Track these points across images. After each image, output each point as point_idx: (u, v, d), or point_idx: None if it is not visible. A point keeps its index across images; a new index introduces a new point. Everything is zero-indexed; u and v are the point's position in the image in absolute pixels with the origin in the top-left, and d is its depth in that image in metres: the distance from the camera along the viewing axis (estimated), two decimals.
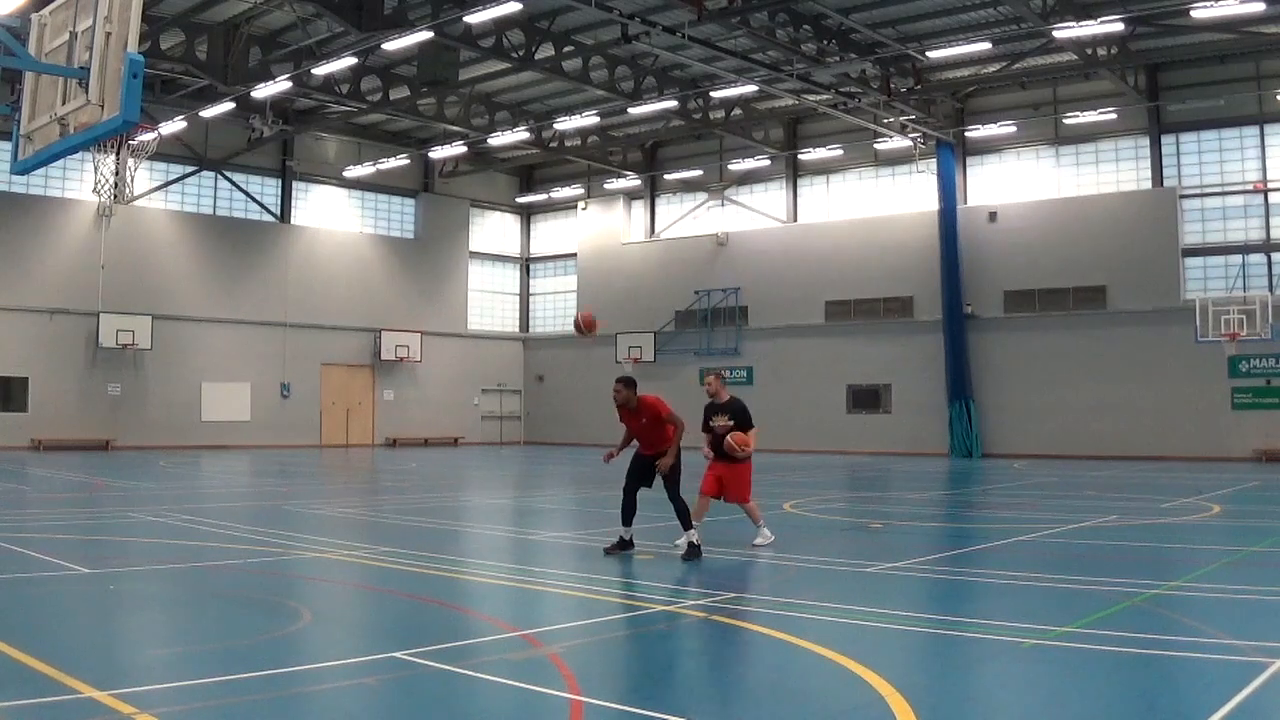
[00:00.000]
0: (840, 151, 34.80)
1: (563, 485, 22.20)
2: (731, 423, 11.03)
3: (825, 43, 27.11)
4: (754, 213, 38.93)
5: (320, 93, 30.77)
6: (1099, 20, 23.67)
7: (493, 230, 44.65)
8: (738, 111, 33.92)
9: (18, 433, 31.69)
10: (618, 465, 11.08)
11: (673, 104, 31.66)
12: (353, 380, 39.32)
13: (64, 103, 6.36)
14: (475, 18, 23.62)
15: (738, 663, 6.50)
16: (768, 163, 37.47)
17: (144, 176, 34.36)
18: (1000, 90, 32.87)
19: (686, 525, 10.30)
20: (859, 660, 6.19)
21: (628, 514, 10.60)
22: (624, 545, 10.58)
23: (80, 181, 32.66)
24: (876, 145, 34.80)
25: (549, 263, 45.32)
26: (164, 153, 33.74)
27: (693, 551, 10.19)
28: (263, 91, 28.34)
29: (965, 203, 33.85)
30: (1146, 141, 31.32)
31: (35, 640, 6.47)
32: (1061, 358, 31.79)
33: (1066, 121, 31.28)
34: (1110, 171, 32.19)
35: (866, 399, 35.06)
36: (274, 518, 14.44)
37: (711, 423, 11.14)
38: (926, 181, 34.37)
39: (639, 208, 42.08)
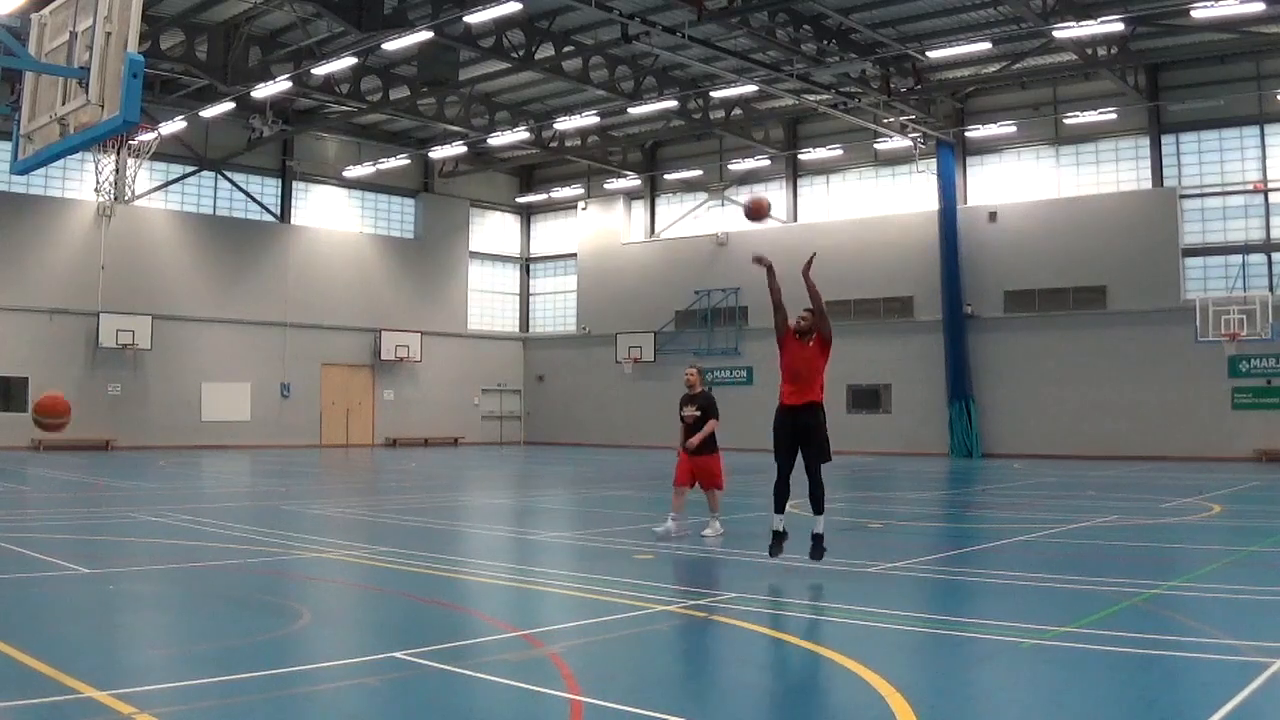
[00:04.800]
0: (840, 151, 34.79)
1: (562, 485, 22.20)
2: (698, 413, 11.67)
3: (825, 43, 27.11)
4: None
5: (320, 93, 30.77)
6: (1099, 20, 23.68)
7: (493, 230, 44.64)
8: (738, 111, 33.91)
9: (18, 433, 31.66)
10: (615, 464, 11.08)
11: (673, 104, 31.66)
12: (353, 380, 39.32)
13: (64, 103, 6.36)
14: (475, 18, 23.62)
15: (738, 663, 6.50)
16: (768, 163, 37.45)
17: (144, 176, 34.36)
18: (1000, 90, 32.86)
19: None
20: (859, 660, 6.18)
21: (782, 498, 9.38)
22: (782, 539, 9.41)
23: (80, 181, 32.67)
24: (876, 145, 34.79)
25: (549, 263, 45.31)
26: (164, 153, 33.74)
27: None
28: (263, 91, 28.34)
29: (965, 203, 33.84)
30: (1146, 141, 31.31)
31: (35, 640, 6.47)
32: (1061, 358, 31.77)
33: (1066, 121, 31.27)
34: (1110, 171, 32.18)
35: (866, 399, 35.06)
36: (274, 518, 14.44)
37: (683, 412, 11.87)
38: (926, 181, 34.36)
39: (639, 208, 42.07)
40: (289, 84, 28.09)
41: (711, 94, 31.33)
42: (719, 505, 11.85)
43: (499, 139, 34.82)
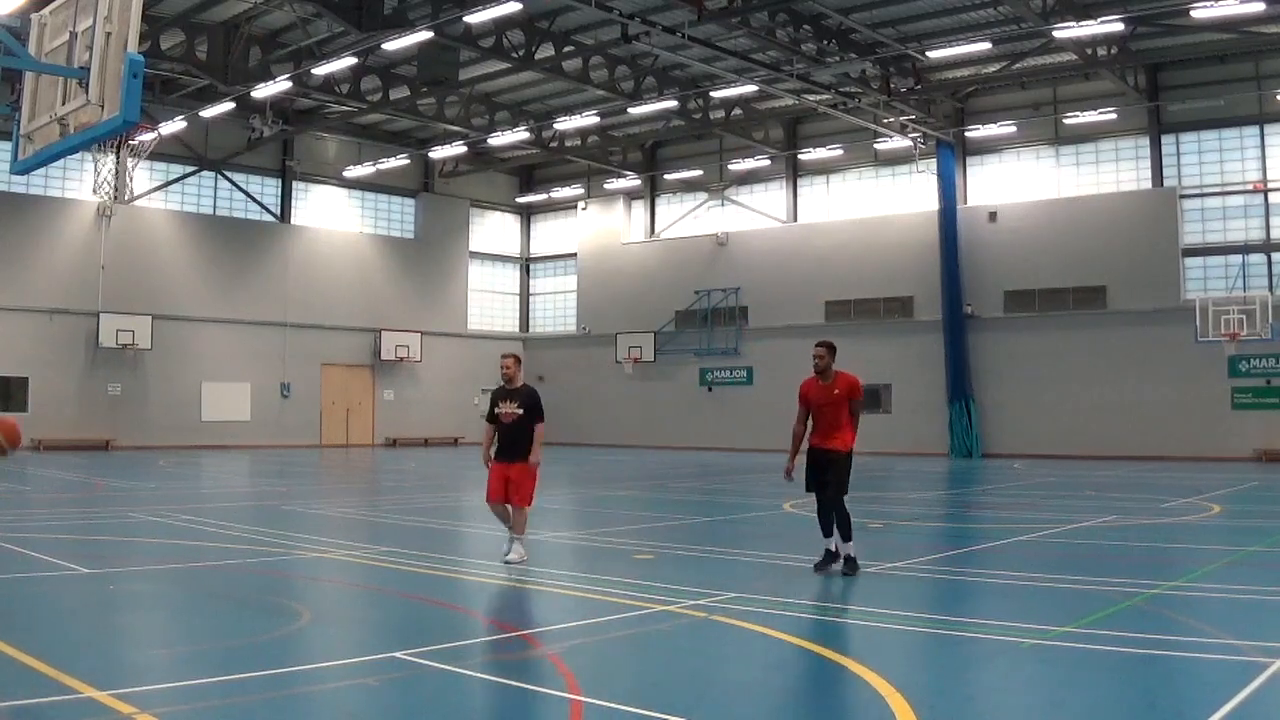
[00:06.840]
0: (840, 151, 34.78)
1: (562, 485, 22.18)
2: (520, 411, 10.08)
3: (825, 43, 27.10)
4: (754, 213, 38.91)
5: (320, 93, 30.77)
6: (1099, 20, 23.67)
7: (493, 230, 44.64)
8: (738, 111, 33.91)
9: None
10: (615, 464, 11.03)
11: (673, 104, 31.65)
12: (353, 380, 39.31)
13: (64, 103, 6.36)
14: (475, 18, 23.61)
15: (738, 663, 6.50)
16: (768, 163, 37.45)
17: (144, 176, 34.39)
18: (1000, 90, 32.86)
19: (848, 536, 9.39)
20: (859, 660, 6.19)
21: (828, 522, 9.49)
22: (831, 558, 9.51)
23: (80, 181, 32.66)
24: (876, 145, 34.77)
25: (549, 263, 45.31)
26: (164, 153, 33.75)
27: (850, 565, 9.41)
28: (263, 91, 28.33)
29: (965, 203, 33.83)
30: (1146, 141, 31.30)
31: (35, 640, 6.47)
32: (1061, 358, 31.77)
33: (1066, 121, 31.26)
34: (1110, 171, 32.17)
35: (867, 399, 34.65)
36: (274, 518, 14.45)
37: (497, 409, 10.21)
38: (926, 181, 34.35)
39: (639, 208, 42.07)
40: (289, 84, 28.08)
41: (711, 94, 31.32)
42: (525, 526, 10.22)
43: (499, 139, 34.81)
